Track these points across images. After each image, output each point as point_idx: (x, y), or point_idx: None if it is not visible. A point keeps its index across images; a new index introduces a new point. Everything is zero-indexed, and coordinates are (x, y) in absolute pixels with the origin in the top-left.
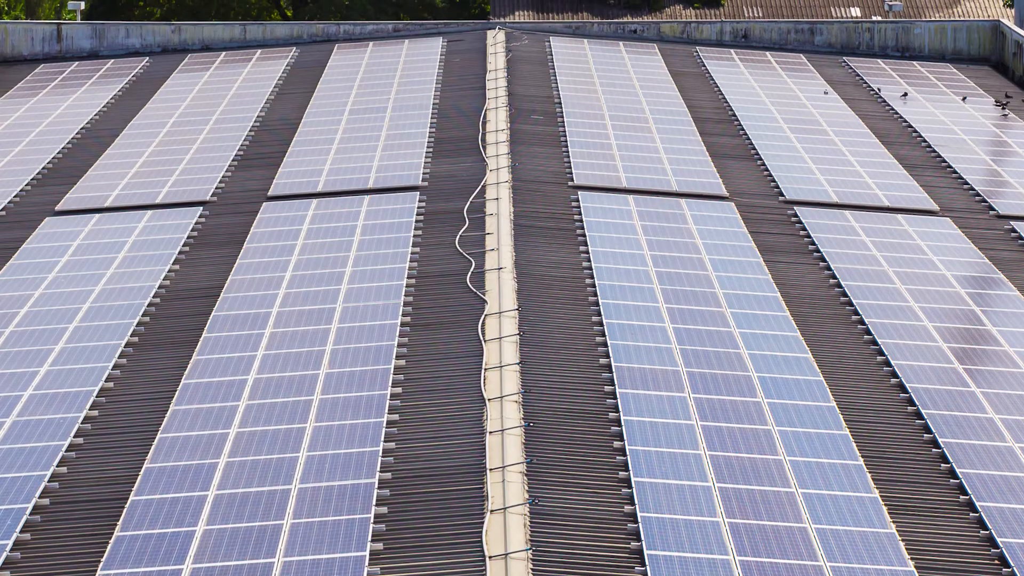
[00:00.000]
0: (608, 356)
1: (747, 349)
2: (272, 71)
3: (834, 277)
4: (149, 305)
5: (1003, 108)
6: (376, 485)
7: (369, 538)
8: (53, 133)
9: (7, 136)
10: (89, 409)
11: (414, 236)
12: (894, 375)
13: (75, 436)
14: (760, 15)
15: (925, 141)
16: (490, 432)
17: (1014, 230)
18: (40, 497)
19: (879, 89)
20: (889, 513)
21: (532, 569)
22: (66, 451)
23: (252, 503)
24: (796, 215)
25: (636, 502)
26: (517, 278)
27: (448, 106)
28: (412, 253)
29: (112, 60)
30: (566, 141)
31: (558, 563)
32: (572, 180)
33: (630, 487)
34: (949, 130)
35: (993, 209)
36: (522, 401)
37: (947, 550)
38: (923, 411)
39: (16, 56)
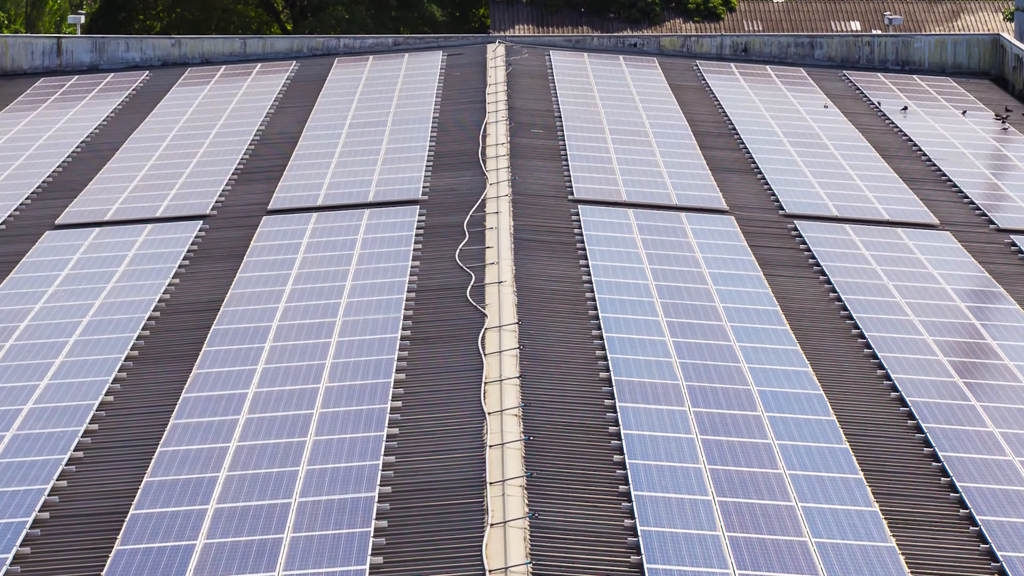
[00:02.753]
0: (608, 370)
1: (747, 363)
2: (272, 85)
3: (834, 291)
4: (149, 319)
5: (1003, 122)
6: (376, 499)
7: (369, 552)
8: (53, 147)
9: (7, 150)
10: (89, 423)
11: (414, 250)
12: (894, 389)
13: (75, 450)
14: (760, 29)
15: (925, 155)
16: (490, 446)
17: (1014, 244)
18: (40, 511)
19: (879, 103)
20: (889, 527)
21: None
22: (66, 465)
23: (252, 517)
24: (796, 229)
25: (636, 516)
26: (517, 292)
27: (448, 120)
28: (412, 267)
29: (112, 74)
30: (566, 155)
31: None
32: (572, 194)
33: (630, 501)
34: (949, 144)
35: (993, 223)
36: (522, 415)
37: (947, 564)
38: (923, 425)
39: (16, 70)
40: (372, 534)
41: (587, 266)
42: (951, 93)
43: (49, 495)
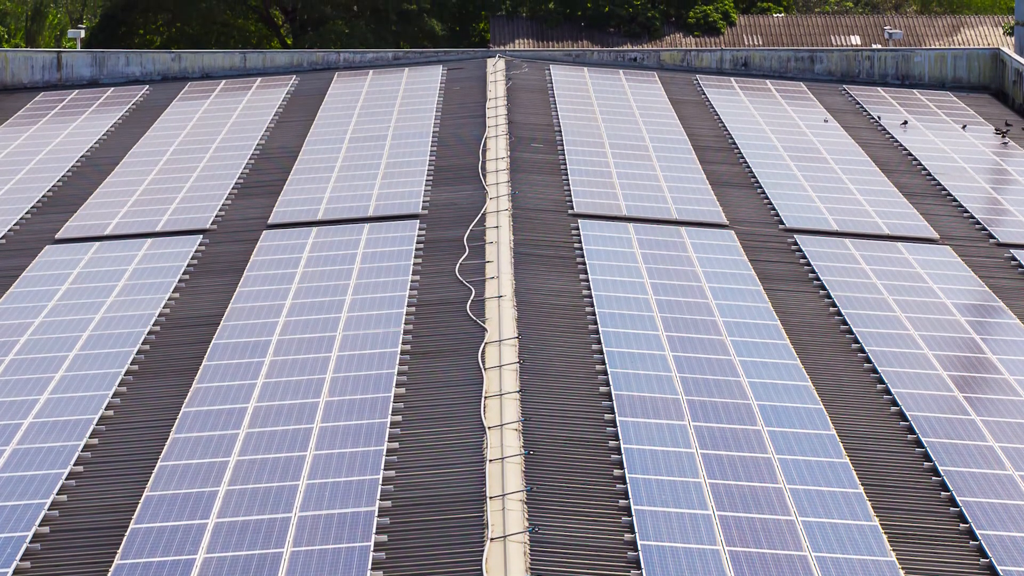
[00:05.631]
0: (608, 384)
1: (747, 377)
2: (272, 99)
3: (834, 305)
4: (149, 333)
5: (1003, 136)
6: (376, 513)
7: (369, 566)
8: (53, 161)
9: (7, 164)
10: (89, 437)
11: (414, 264)
12: (894, 403)
13: (75, 464)
14: (760, 43)
15: (925, 169)
16: (490, 460)
17: (1014, 258)
18: (40, 525)
19: (879, 117)
20: (889, 541)
21: None
22: (66, 479)
23: (252, 531)
24: (796, 243)
25: (636, 530)
26: (517, 306)
27: (448, 134)
28: (412, 281)
29: (112, 88)
30: (566, 169)
31: None
32: (572, 208)
33: (630, 515)
34: (949, 158)
35: (993, 237)
36: (522, 429)
37: None
38: (923, 439)
39: (16, 84)
40: (372, 548)
41: (587, 280)
42: (951, 107)
43: (49, 509)
